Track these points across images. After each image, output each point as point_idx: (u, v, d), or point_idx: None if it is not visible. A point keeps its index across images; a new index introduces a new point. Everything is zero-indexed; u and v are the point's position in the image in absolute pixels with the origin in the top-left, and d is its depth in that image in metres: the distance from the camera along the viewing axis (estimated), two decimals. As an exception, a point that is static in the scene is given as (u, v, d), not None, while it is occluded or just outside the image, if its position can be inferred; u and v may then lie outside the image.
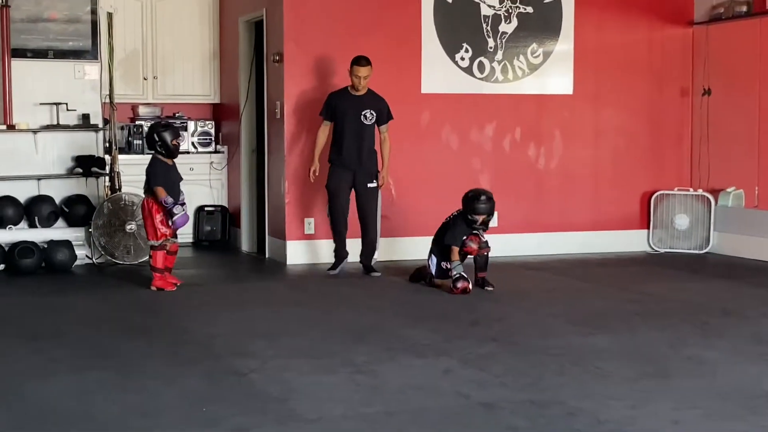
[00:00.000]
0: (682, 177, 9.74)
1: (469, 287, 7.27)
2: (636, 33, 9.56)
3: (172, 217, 7.36)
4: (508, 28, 9.16)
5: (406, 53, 8.90)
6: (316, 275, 8.09)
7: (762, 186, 9.11)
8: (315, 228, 8.63)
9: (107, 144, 8.82)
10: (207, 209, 10.02)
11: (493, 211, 7.47)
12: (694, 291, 7.59)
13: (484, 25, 9.10)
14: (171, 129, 7.59)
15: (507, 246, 9.01)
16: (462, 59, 9.05)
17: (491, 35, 9.11)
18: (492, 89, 9.16)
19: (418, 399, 4.69)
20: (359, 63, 7.95)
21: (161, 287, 7.42)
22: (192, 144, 10.03)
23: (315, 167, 8.16)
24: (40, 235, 8.35)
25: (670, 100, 9.70)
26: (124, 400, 4.64)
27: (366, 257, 8.16)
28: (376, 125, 8.07)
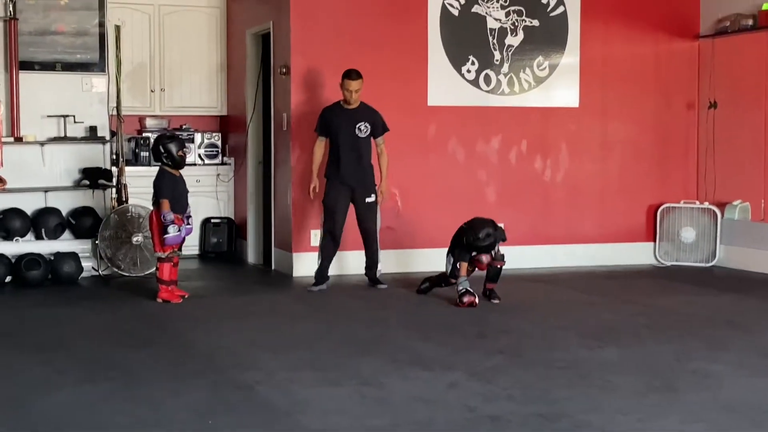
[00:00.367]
0: (688, 190, 9.73)
1: (476, 302, 7.26)
2: (642, 46, 9.57)
3: (165, 234, 7.36)
4: (514, 41, 9.17)
5: (412, 66, 8.92)
6: (328, 286, 8.07)
7: (768, 199, 9.12)
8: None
9: (114, 156, 8.84)
10: (213, 221, 10.04)
11: (497, 241, 7.29)
12: (700, 304, 7.58)
13: (490, 38, 9.11)
14: (176, 140, 7.61)
15: (513, 258, 8.95)
16: (468, 72, 9.06)
17: (497, 48, 9.13)
18: (498, 102, 9.17)
19: (424, 411, 4.68)
20: (350, 77, 7.89)
21: (167, 299, 7.43)
22: (199, 156, 10.05)
23: (315, 184, 8.09)
24: (46, 247, 8.36)
25: (676, 113, 9.71)
26: (130, 411, 4.64)
27: (371, 269, 8.14)
28: (372, 138, 8.02)
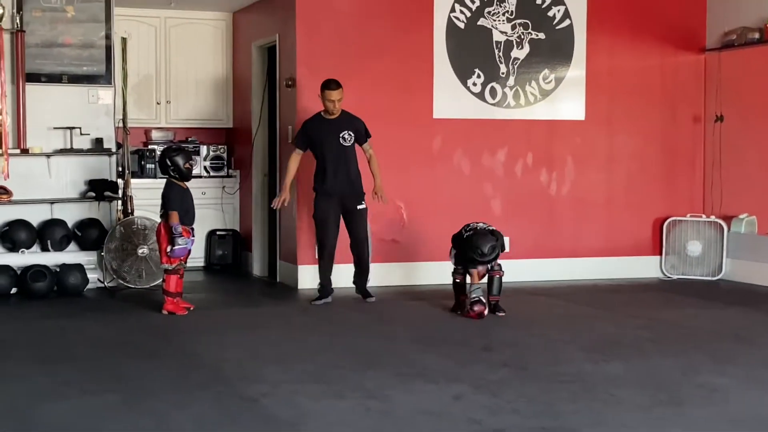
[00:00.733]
0: (694, 203, 9.72)
1: (485, 312, 7.26)
2: (648, 59, 9.57)
3: (173, 245, 7.37)
4: (520, 54, 9.18)
5: (418, 78, 8.93)
6: (332, 299, 8.06)
7: (775, 212, 9.11)
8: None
9: (120, 168, 8.85)
10: (219, 233, 10.04)
11: (496, 250, 7.32)
12: (706, 318, 7.56)
13: (496, 51, 9.12)
14: (183, 152, 7.63)
15: (519, 271, 8.99)
16: (474, 85, 9.07)
17: (503, 61, 9.14)
18: (504, 114, 9.17)
19: (429, 424, 4.67)
20: (330, 87, 7.81)
21: (172, 311, 7.43)
22: (204, 168, 10.07)
23: (286, 197, 8.00)
24: (52, 259, 8.37)
25: (682, 126, 9.70)
26: (135, 423, 4.64)
27: (360, 280, 8.04)
28: (357, 145, 7.95)
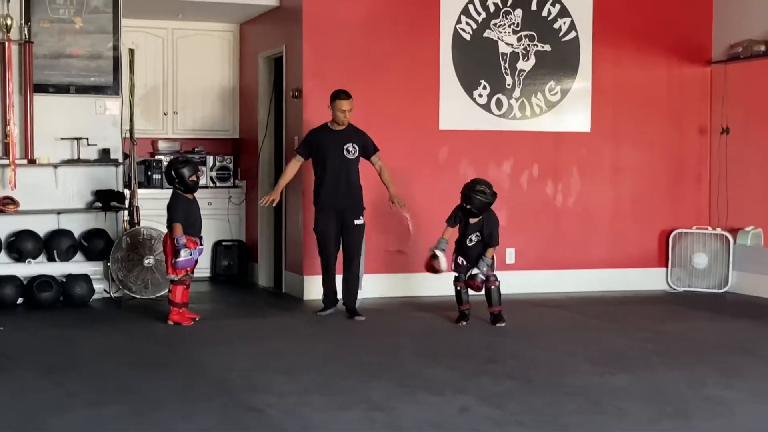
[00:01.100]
0: (700, 215, 9.71)
1: (439, 267, 7.41)
2: (654, 71, 9.58)
3: (176, 256, 7.38)
4: (526, 65, 9.20)
5: (424, 90, 8.95)
6: (336, 310, 8.06)
7: (781, 225, 9.10)
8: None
9: (127, 178, 8.87)
10: (225, 244, 10.05)
11: (487, 202, 7.48)
12: (712, 330, 7.54)
13: (502, 63, 9.14)
14: (189, 164, 7.63)
15: (524, 283, 8.99)
16: (480, 96, 9.09)
17: (509, 73, 9.15)
18: (510, 126, 9.19)
19: (434, 437, 4.67)
20: (342, 97, 7.74)
21: (178, 321, 7.44)
22: (211, 179, 10.09)
23: (275, 198, 7.93)
24: (58, 269, 8.38)
25: (688, 138, 9.70)
26: (140, 434, 4.64)
27: (349, 297, 7.85)
28: (362, 159, 7.85)
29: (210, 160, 10.10)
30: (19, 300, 8.25)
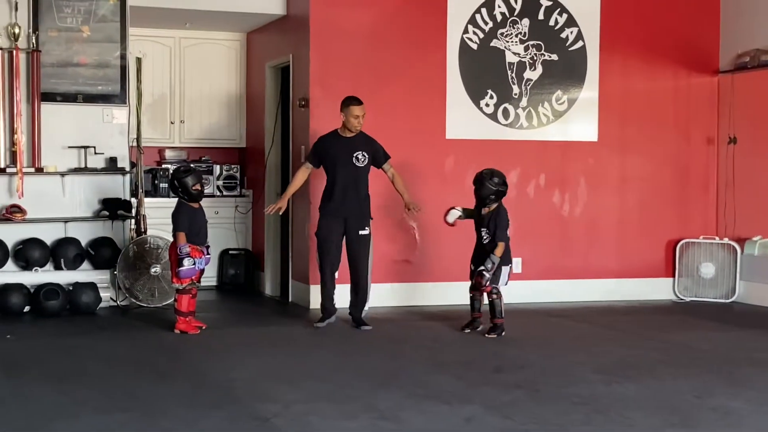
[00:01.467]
0: (707, 225, 9.69)
1: (446, 218, 7.59)
2: (661, 81, 9.58)
3: (179, 265, 7.38)
4: (533, 75, 9.20)
5: (431, 99, 8.95)
6: (339, 319, 8.05)
7: (789, 235, 9.08)
8: (340, 273, 8.60)
9: (134, 187, 8.88)
10: (231, 252, 10.06)
11: (493, 191, 7.49)
12: (720, 340, 7.52)
13: (509, 72, 9.14)
14: (193, 173, 7.62)
15: (531, 293, 8.98)
16: (487, 105, 9.09)
17: (516, 82, 9.16)
18: (517, 136, 9.18)
19: (441, 446, 4.66)
20: (355, 103, 7.68)
21: (184, 330, 7.44)
22: (217, 188, 10.10)
23: (282, 206, 7.90)
24: (65, 277, 8.39)
25: (695, 148, 9.69)
26: (146, 443, 4.64)
27: (356, 308, 7.81)
28: (372, 167, 7.80)
29: (217, 169, 10.11)
30: (26, 308, 8.26)
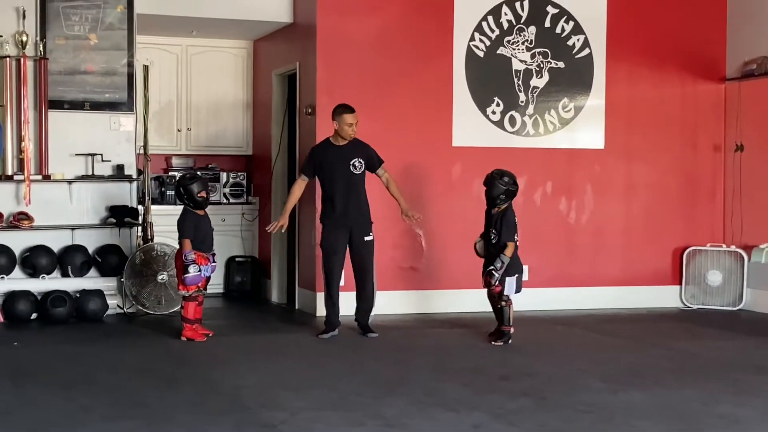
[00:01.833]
0: (714, 233, 9.68)
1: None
2: (668, 88, 9.57)
3: (185, 272, 7.38)
4: (539, 82, 9.20)
5: (437, 106, 8.96)
6: (345, 327, 8.05)
7: (796, 242, 9.06)
8: (345, 280, 8.61)
9: (141, 194, 8.90)
10: (238, 260, 10.07)
11: (503, 190, 7.46)
12: (727, 348, 7.51)
13: (515, 80, 9.15)
14: (198, 181, 7.63)
15: (537, 300, 8.97)
16: (493, 113, 9.09)
17: (522, 90, 9.16)
18: (523, 143, 9.18)
19: (447, 454, 4.65)
20: (348, 111, 7.65)
21: (191, 338, 7.44)
22: (224, 195, 10.11)
23: (284, 223, 7.87)
24: (72, 285, 8.40)
25: (702, 155, 9.68)
26: (153, 450, 4.64)
27: (362, 315, 7.80)
28: (367, 173, 7.77)
29: (223, 176, 10.13)
30: (33, 315, 8.27)
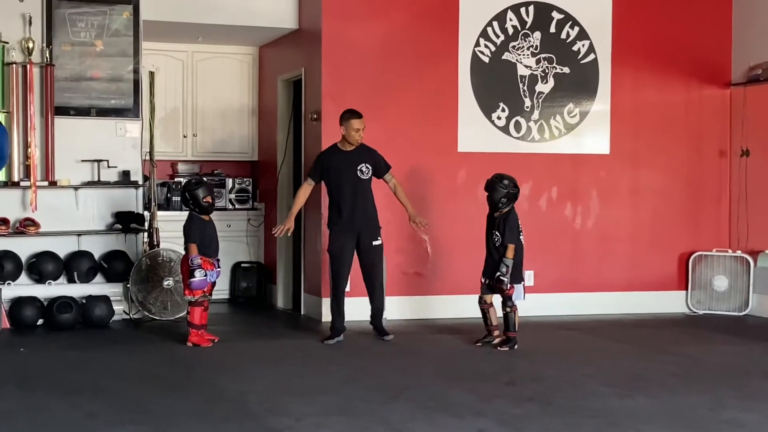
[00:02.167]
0: (720, 238, 9.67)
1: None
2: (673, 93, 9.57)
3: (191, 277, 7.39)
4: (544, 88, 9.21)
5: (442, 112, 8.96)
6: (351, 332, 8.06)
7: (802, 247, 9.04)
8: (351, 285, 8.61)
9: (146, 200, 8.91)
10: (243, 265, 10.07)
11: (504, 194, 7.44)
12: (733, 353, 7.50)
13: (520, 85, 9.15)
14: (203, 186, 7.64)
15: (543, 305, 8.97)
16: (498, 118, 9.10)
17: (528, 95, 9.16)
18: (528, 148, 9.18)
19: (453, 459, 4.65)
20: (355, 116, 7.68)
21: (197, 343, 7.45)
22: (230, 201, 10.13)
23: (290, 227, 7.86)
24: (78, 290, 8.42)
25: (707, 160, 9.68)
26: (159, 455, 4.64)
27: (376, 319, 7.87)
28: (374, 178, 7.80)
29: (229, 182, 10.15)
30: (39, 321, 8.29)
